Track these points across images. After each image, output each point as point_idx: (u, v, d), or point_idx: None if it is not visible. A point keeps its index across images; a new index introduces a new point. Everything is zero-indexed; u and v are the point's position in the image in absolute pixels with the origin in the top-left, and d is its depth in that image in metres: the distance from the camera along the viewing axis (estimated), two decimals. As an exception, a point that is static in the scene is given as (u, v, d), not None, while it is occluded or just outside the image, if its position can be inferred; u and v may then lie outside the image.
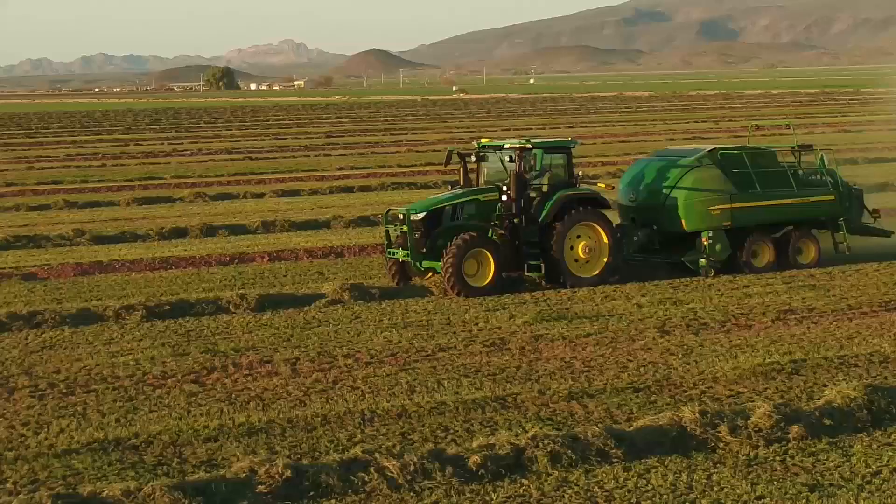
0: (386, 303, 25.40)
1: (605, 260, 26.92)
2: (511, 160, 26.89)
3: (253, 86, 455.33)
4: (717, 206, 27.99)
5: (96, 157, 74.42)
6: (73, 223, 40.42)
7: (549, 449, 14.49)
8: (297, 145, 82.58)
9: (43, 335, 22.88)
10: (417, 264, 26.55)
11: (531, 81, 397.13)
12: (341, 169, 61.59)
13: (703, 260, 27.73)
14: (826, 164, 29.94)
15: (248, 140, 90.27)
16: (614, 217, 28.33)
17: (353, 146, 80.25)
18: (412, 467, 14.04)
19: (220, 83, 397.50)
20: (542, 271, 26.66)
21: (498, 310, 24.54)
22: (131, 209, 45.83)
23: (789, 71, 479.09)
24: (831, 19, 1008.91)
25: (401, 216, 26.81)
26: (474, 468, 14.15)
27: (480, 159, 27.63)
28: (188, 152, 77.09)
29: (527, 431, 15.12)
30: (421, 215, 26.56)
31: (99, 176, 60.61)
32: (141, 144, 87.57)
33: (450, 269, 25.60)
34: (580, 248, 26.79)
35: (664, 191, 28.31)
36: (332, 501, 13.51)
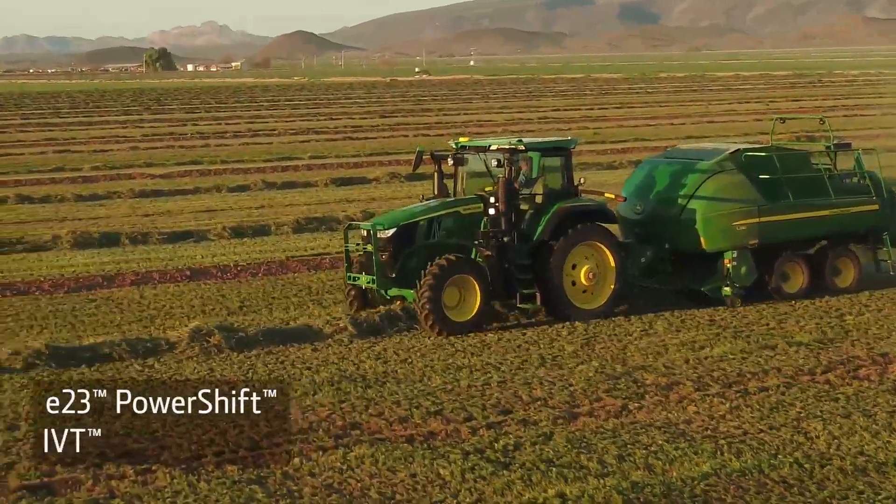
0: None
1: (612, 287, 22.38)
2: (499, 164, 21.90)
3: (190, 67, 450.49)
4: (742, 221, 23.23)
5: (184, 138, 72.36)
6: (310, 204, 39.25)
7: None
8: (371, 125, 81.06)
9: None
10: (383, 292, 21.80)
11: (471, 63, 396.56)
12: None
13: (726, 288, 23.15)
14: (864, 165, 25.14)
15: (303, 121, 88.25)
16: (616, 232, 23.70)
17: (434, 125, 78.41)
18: None
19: (157, 64, 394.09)
20: (538, 301, 21.98)
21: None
22: (331, 190, 44.24)
23: (718, 54, 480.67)
24: (750, 4, 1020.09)
25: (365, 232, 22.02)
26: None
27: (459, 162, 22.44)
28: (275, 132, 75.47)
29: None
30: (390, 232, 21.62)
31: (224, 156, 58.68)
32: (198, 124, 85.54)
33: (426, 301, 20.85)
34: (582, 274, 22.28)
35: (679, 201, 23.44)
36: None
